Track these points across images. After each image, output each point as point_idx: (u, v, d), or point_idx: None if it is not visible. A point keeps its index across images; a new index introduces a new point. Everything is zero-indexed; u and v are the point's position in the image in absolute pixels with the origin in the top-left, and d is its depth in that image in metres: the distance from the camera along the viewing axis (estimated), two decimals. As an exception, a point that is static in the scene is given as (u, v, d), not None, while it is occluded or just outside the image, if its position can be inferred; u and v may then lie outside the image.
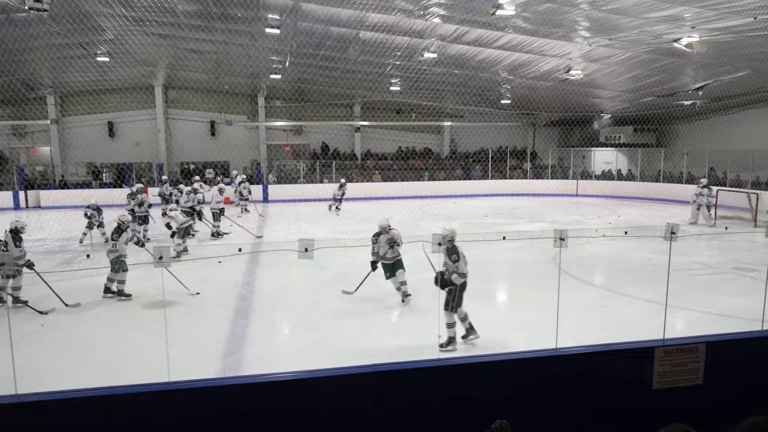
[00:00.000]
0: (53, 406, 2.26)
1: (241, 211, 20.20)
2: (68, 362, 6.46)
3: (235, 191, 20.71)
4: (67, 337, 7.41)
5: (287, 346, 7.32)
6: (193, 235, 14.62)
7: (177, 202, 14.60)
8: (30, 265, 8.47)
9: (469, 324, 6.76)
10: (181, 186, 17.02)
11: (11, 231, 8.49)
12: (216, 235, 14.93)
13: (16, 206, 22.59)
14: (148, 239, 13.87)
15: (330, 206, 20.46)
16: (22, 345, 6.68)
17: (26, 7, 11.45)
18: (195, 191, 14.60)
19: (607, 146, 28.23)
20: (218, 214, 15.33)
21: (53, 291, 8.49)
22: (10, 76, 21.25)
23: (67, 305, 8.40)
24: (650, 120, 25.46)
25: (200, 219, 14.61)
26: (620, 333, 6.30)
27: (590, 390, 3.76)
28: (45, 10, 11.44)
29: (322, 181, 26.45)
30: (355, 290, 8.79)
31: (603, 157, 28.55)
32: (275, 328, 8.03)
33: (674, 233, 4.75)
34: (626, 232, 13.77)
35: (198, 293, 8.94)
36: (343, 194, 20.37)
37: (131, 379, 6.10)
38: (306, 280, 9.82)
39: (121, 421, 2.50)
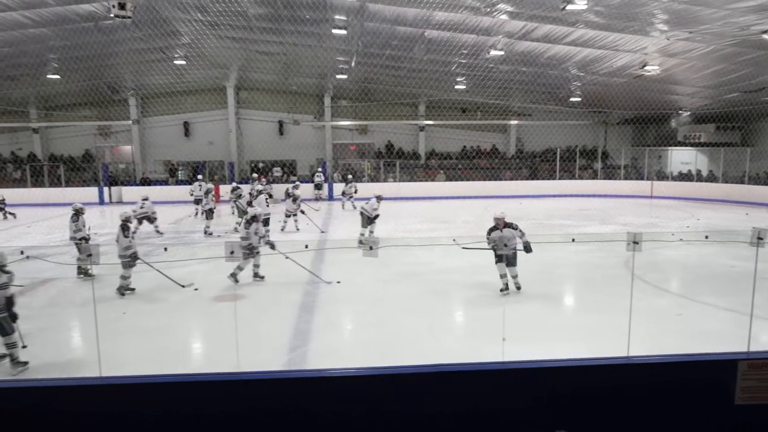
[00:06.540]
0: (132, 390, 2.41)
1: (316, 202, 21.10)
2: (142, 349, 6.81)
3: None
4: (142, 325, 7.83)
5: (349, 342, 7.40)
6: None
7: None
8: (135, 257, 9.07)
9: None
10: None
11: (123, 221, 9.22)
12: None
13: (101, 201, 24.14)
14: (211, 233, 14.99)
15: None
16: (103, 331, 7.12)
17: (112, 15, 12.23)
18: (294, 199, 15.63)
19: (685, 145, 26.70)
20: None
21: (167, 276, 9.22)
22: (96, 80, 22.85)
23: (182, 287, 9.13)
24: (735, 117, 23.87)
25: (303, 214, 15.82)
26: (697, 343, 5.95)
27: (665, 402, 3.56)
28: (128, 17, 12.20)
29: (386, 180, 26.60)
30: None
31: (681, 157, 27.04)
32: (338, 324, 8.14)
33: (761, 239, 4.42)
34: (707, 237, 12.99)
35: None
36: None
37: (199, 368, 6.39)
38: (370, 277, 9.90)
39: (185, 411, 2.62)
